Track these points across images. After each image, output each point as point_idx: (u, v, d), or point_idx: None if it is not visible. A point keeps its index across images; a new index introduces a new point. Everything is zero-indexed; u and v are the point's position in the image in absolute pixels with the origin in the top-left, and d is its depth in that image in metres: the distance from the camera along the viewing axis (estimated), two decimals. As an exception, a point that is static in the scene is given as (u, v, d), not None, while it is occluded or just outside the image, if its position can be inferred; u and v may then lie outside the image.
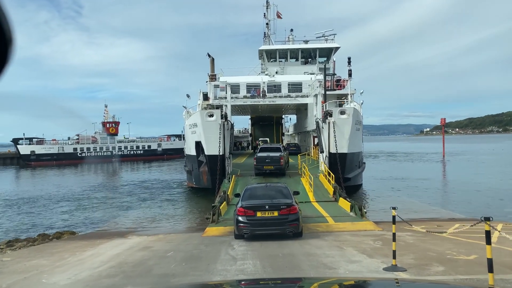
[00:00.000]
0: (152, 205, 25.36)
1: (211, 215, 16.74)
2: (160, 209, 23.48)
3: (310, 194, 22.39)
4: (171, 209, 23.51)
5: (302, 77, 47.17)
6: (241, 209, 12.26)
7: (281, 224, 11.99)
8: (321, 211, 18.41)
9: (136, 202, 26.67)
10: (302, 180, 25.96)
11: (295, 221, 12.11)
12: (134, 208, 24.66)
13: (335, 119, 26.49)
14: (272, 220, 12.02)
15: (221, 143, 26.07)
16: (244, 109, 54.65)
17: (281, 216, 12.06)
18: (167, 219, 20.61)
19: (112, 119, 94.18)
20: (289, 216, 12.09)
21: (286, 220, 12.01)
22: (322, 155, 28.14)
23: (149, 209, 23.87)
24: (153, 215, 21.78)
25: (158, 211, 22.94)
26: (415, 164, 54.38)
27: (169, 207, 24.07)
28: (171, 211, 22.92)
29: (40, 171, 67.05)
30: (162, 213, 22.20)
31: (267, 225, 12.06)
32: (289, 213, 12.12)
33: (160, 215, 21.66)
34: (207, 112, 26.62)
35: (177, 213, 22.17)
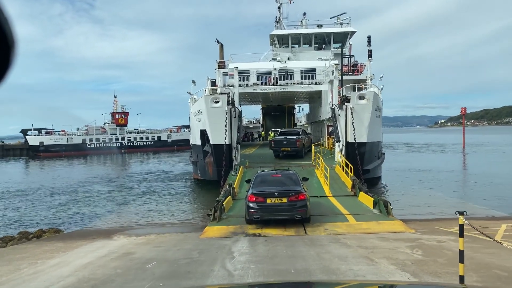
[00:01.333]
0: (153, 199, 23.25)
1: (212, 211, 14.51)
2: (160, 204, 21.36)
3: (325, 187, 20.02)
4: (172, 203, 21.36)
5: (315, 63, 44.50)
6: (252, 196, 12.83)
7: (290, 210, 12.53)
8: (340, 207, 16.02)
9: (136, 196, 24.59)
10: (316, 172, 23.56)
11: (303, 207, 12.61)
12: (133, 202, 22.58)
13: (353, 105, 23.95)
14: (281, 206, 12.57)
15: (227, 132, 23.77)
16: (254, 98, 52.18)
17: (290, 203, 12.56)
18: (166, 215, 18.47)
19: (122, 110, 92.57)
20: (297, 202, 12.57)
21: (294, 206, 12.52)
22: (338, 145, 25.67)
23: (148, 204, 21.77)
24: (152, 211, 19.66)
25: (158, 206, 20.82)
26: (437, 156, 51.30)
27: (170, 202, 21.92)
28: (172, 206, 20.77)
29: (47, 162, 65.81)
30: (162, 209, 20.06)
31: (276, 211, 12.63)
32: (298, 199, 12.60)
33: (160, 211, 19.53)
34: (212, 98, 24.30)
35: (179, 208, 20.01)
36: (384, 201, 14.85)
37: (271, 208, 12.60)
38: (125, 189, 27.70)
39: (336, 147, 26.70)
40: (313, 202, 17.18)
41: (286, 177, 14.38)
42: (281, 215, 12.65)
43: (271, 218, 12.72)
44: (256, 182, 14.00)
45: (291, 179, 14.04)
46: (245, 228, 12.86)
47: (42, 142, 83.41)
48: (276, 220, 12.79)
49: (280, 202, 12.61)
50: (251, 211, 12.75)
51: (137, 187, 28.48)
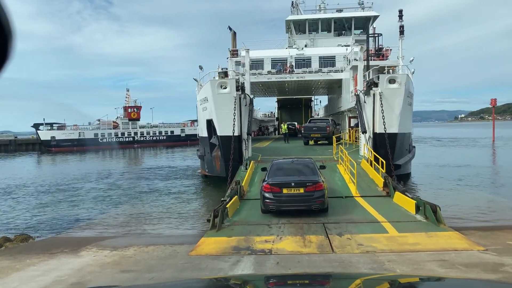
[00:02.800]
0: (151, 199, 20.38)
1: (211, 217, 11.50)
2: (158, 205, 18.46)
3: (351, 186, 16.81)
4: (172, 204, 18.44)
5: (335, 50, 41.01)
6: (267, 185, 12.29)
7: (307, 201, 12.05)
8: (372, 212, 12.81)
9: (134, 195, 21.74)
10: (339, 168, 20.35)
11: (321, 198, 12.10)
12: (129, 202, 19.76)
13: (382, 90, 20.59)
14: (298, 197, 12.07)
15: (236, 121, 20.72)
16: (269, 88, 48.95)
17: (307, 193, 12.03)
18: (161, 218, 15.56)
19: (134, 104, 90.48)
20: (315, 193, 12.04)
21: (312, 197, 12.00)
22: (363, 137, 22.35)
23: (145, 204, 18.91)
24: (147, 213, 16.79)
25: (155, 208, 17.94)
26: (469, 150, 47.23)
27: (170, 202, 19.00)
28: (172, 207, 17.85)
29: (57, 157, 64.02)
30: (158, 210, 17.17)
31: (293, 201, 12.17)
32: (315, 190, 12.07)
33: (155, 213, 16.64)
34: (219, 83, 21.24)
35: (178, 210, 17.07)
36: (431, 204, 11.56)
37: (288, 198, 12.14)
38: (124, 187, 24.93)
39: (362, 139, 23.38)
40: (338, 205, 14.04)
41: (303, 165, 13.65)
42: (298, 206, 12.14)
43: (288, 209, 12.25)
44: (272, 170, 13.34)
45: (308, 168, 13.35)
46: (252, 241, 9.83)
47: (54, 137, 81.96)
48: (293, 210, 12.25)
49: (297, 193, 12.07)
50: (267, 201, 12.28)
51: (138, 184, 25.70)
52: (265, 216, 12.75)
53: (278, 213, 12.37)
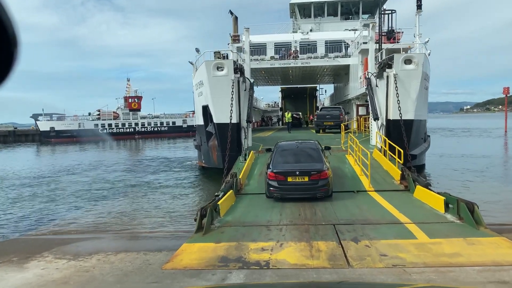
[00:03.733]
0: (139, 193, 18.36)
1: (197, 216, 9.46)
2: (146, 201, 16.46)
3: (363, 179, 14.74)
4: (161, 200, 16.43)
5: (342, 34, 38.70)
6: (272, 174, 12.20)
7: (312, 189, 11.97)
8: (392, 210, 10.73)
9: (121, 189, 19.71)
10: (348, 159, 18.27)
11: (325, 186, 12.03)
12: (114, 197, 17.78)
13: (397, 71, 18.39)
14: (303, 185, 12.00)
15: (234, 107, 18.63)
16: (272, 76, 46.70)
17: (312, 181, 11.94)
18: (145, 217, 13.59)
19: (135, 94, 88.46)
20: (319, 181, 11.95)
21: (316, 185, 11.92)
22: (375, 124, 20.19)
23: (131, 200, 16.92)
24: (131, 210, 14.81)
25: (142, 204, 15.94)
26: (483, 140, 44.83)
27: (160, 198, 17.00)
28: (160, 203, 15.83)
29: (56, 148, 62.31)
30: (144, 208, 15.16)
31: (297, 190, 12.09)
32: (320, 178, 11.96)
33: (140, 211, 14.65)
34: (215, 64, 19.10)
35: (166, 207, 15.06)
36: (467, 202, 9.42)
37: (292, 187, 12.06)
38: (112, 179, 22.92)
39: (373, 126, 21.24)
40: (349, 201, 12.03)
41: (309, 149, 13.54)
42: (302, 194, 12.08)
43: (292, 196, 12.16)
44: (276, 155, 13.25)
45: (313, 154, 13.15)
46: (245, 249, 7.78)
47: (53, 128, 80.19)
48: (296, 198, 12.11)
49: (302, 181, 11.99)
50: (271, 189, 12.24)
51: (128, 177, 23.71)
52: (264, 214, 10.76)
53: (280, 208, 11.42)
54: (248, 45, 22.66)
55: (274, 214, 10.71)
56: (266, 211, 11.14)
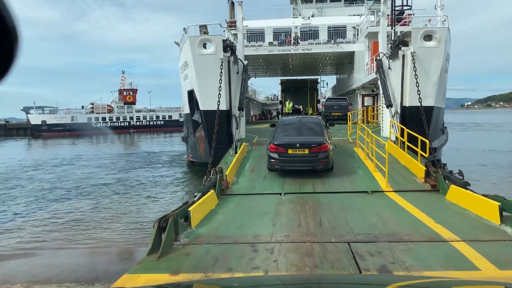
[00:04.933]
0: (107, 194, 15.53)
1: (154, 231, 6.61)
2: (110, 205, 13.60)
3: (378, 176, 11.99)
4: (132, 202, 13.67)
5: (346, 19, 35.80)
6: (273, 146, 12.37)
7: (311, 161, 12.05)
8: (423, 218, 7.91)
9: (88, 188, 16.81)
10: (357, 152, 15.51)
11: (325, 159, 12.07)
12: (75, 199, 14.95)
13: (415, 49, 15.55)
14: (303, 157, 12.10)
15: (223, 90, 15.80)
16: (271, 65, 43.71)
17: (312, 154, 12.02)
18: (102, 226, 10.79)
19: (130, 87, 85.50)
20: (319, 154, 12.03)
21: (316, 158, 12.00)
22: (388, 112, 17.38)
23: (93, 203, 14.07)
24: (86, 217, 12.00)
25: (104, 209, 13.11)
26: (498, 135, 41.93)
27: (132, 199, 14.23)
28: (127, 209, 13.01)
29: (45, 142, 59.57)
30: (104, 214, 12.30)
31: (297, 162, 12.18)
32: (320, 151, 12.05)
33: (97, 218, 11.84)
34: (201, 40, 16.23)
35: (132, 215, 12.25)
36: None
37: (292, 159, 12.19)
38: (82, 176, 20.05)
39: (385, 115, 18.45)
40: (364, 205, 9.27)
41: (310, 124, 13.53)
42: (302, 166, 12.22)
43: (292, 168, 12.31)
44: (278, 129, 13.39)
45: (315, 129, 13.18)
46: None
47: (45, 121, 77.33)
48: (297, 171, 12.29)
49: (302, 153, 12.14)
50: (272, 161, 12.40)
51: (103, 173, 20.91)
52: (252, 223, 7.97)
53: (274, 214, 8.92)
54: (241, 21, 19.74)
55: (265, 224, 7.92)
56: (255, 218, 8.38)
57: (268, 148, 12.58)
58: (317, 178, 12.12)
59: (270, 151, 12.42)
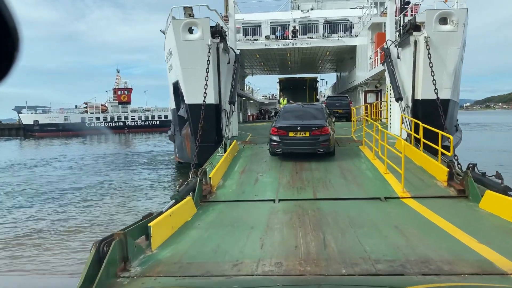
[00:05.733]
0: (79, 199, 13.58)
1: (90, 256, 4.66)
2: (76, 211, 11.70)
3: (390, 179, 10.09)
4: (102, 210, 11.71)
5: (347, 12, 33.96)
6: (274, 128, 12.46)
7: (312, 144, 12.12)
8: (462, 237, 5.96)
9: (55, 194, 14.76)
10: (364, 151, 13.59)
11: (326, 142, 12.11)
12: (33, 207, 12.94)
13: (429, 33, 13.63)
14: (304, 140, 12.17)
15: (211, 81, 13.87)
16: (268, 62, 41.71)
17: (312, 137, 12.10)
18: (46, 245, 8.79)
19: (124, 86, 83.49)
20: (320, 136, 12.09)
21: (317, 141, 12.07)
22: (398, 106, 15.46)
23: (54, 212, 12.10)
24: (41, 229, 10.02)
25: (66, 218, 11.16)
26: (508, 134, 40.02)
27: (102, 207, 12.25)
28: (91, 221, 11.03)
29: (36, 142, 57.60)
30: (63, 226, 10.36)
31: (298, 144, 12.25)
32: (320, 134, 12.12)
33: (56, 228, 9.87)
34: (185, 24, 14.27)
35: (101, 223, 10.31)
36: None
37: (293, 141, 12.23)
38: (54, 180, 18.06)
39: (393, 110, 16.55)
40: (378, 215, 7.32)
41: (312, 110, 13.52)
42: (302, 148, 12.24)
43: (293, 151, 12.33)
44: (281, 114, 13.52)
45: (317, 114, 13.13)
46: None
47: (37, 121, 75.28)
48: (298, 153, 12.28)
49: (303, 136, 12.15)
50: (273, 144, 12.46)
51: (78, 176, 18.91)
52: (234, 243, 6.01)
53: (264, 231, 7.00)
54: (233, 5, 17.74)
55: (251, 244, 5.98)
56: (239, 235, 6.45)
57: (270, 131, 12.66)
58: (319, 181, 10.20)
59: (271, 134, 12.48)
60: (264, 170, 11.60)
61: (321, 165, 11.93)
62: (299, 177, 10.81)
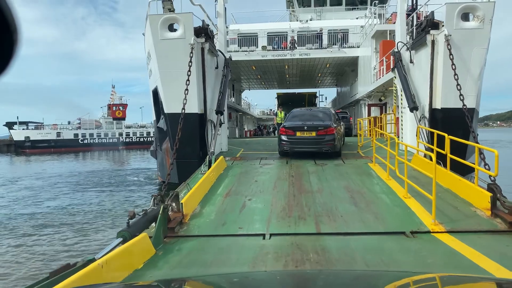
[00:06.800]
0: (30, 227, 11.24)
1: None
2: (20, 245, 9.37)
3: (413, 205, 7.82)
4: (51, 241, 9.38)
5: (348, 22, 32.19)
6: (283, 129, 13.16)
7: (318, 143, 12.69)
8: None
9: (5, 220, 12.48)
10: (375, 170, 11.35)
11: (331, 141, 12.63)
12: None
13: (450, 31, 11.57)
14: (310, 140, 12.74)
15: (192, 86, 11.72)
16: (265, 75, 39.72)
17: (318, 136, 12.65)
18: None
19: (119, 101, 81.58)
20: (325, 136, 12.63)
21: (323, 140, 12.63)
22: (411, 117, 13.29)
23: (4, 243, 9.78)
24: None
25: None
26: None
27: (46, 242, 9.93)
28: (24, 260, 8.74)
29: (24, 159, 55.26)
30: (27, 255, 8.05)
31: (305, 143, 12.86)
32: (326, 133, 12.64)
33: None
34: (165, 20, 12.20)
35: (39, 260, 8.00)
36: None
37: (300, 141, 12.83)
38: (8, 203, 15.70)
39: (406, 121, 14.37)
40: (410, 263, 4.95)
41: (320, 113, 14.20)
42: (309, 147, 12.82)
43: (300, 150, 12.99)
44: (289, 116, 14.11)
45: (323, 117, 13.74)
46: None
47: (28, 137, 73.02)
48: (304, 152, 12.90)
49: (309, 136, 12.70)
50: (282, 143, 13.09)
51: (47, 197, 16.54)
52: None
53: None
54: (222, 2, 15.69)
55: None
56: None
57: (279, 131, 13.60)
58: (323, 208, 7.95)
59: (280, 134, 13.32)
60: (254, 193, 9.35)
61: (324, 185, 9.71)
62: (297, 201, 8.56)
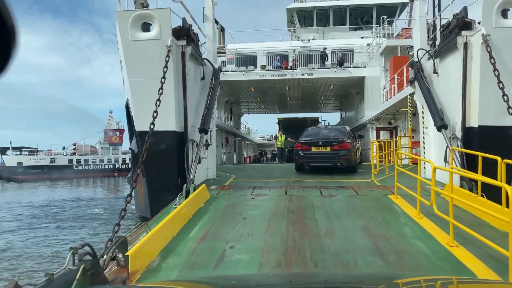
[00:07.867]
0: None
1: None
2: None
3: (468, 259, 5.20)
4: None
5: (353, 41, 30.37)
6: (298, 144, 13.63)
7: (333, 158, 13.01)
8: None
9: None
10: (399, 204, 8.78)
11: (345, 156, 12.91)
12: None
13: (488, 30, 9.30)
14: (325, 154, 13.08)
15: (170, 97, 9.39)
16: (265, 97, 37.53)
17: (333, 151, 13.02)
18: None
19: (116, 127, 79.59)
20: (340, 151, 12.94)
21: (337, 155, 12.95)
22: (442, 135, 10.82)
23: None
24: None
25: None
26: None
27: None
28: None
29: (15, 186, 52.84)
30: None
31: (320, 158, 13.21)
32: (341, 148, 12.97)
33: None
34: (136, 17, 9.97)
35: None
36: None
37: (315, 155, 13.17)
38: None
39: (429, 143, 11.90)
40: None
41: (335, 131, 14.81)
42: (324, 162, 13.12)
43: (315, 165, 13.42)
44: (304, 134, 14.45)
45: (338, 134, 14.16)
46: None
47: (21, 163, 70.74)
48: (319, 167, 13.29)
49: (324, 150, 13.03)
50: (298, 158, 13.56)
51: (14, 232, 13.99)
52: None
53: None
54: (211, 5, 13.48)
55: None
56: None
57: (295, 147, 13.83)
58: (336, 260, 5.39)
59: (296, 149, 13.59)
60: (239, 236, 6.76)
61: (335, 225, 7.17)
62: (298, 249, 6.00)
